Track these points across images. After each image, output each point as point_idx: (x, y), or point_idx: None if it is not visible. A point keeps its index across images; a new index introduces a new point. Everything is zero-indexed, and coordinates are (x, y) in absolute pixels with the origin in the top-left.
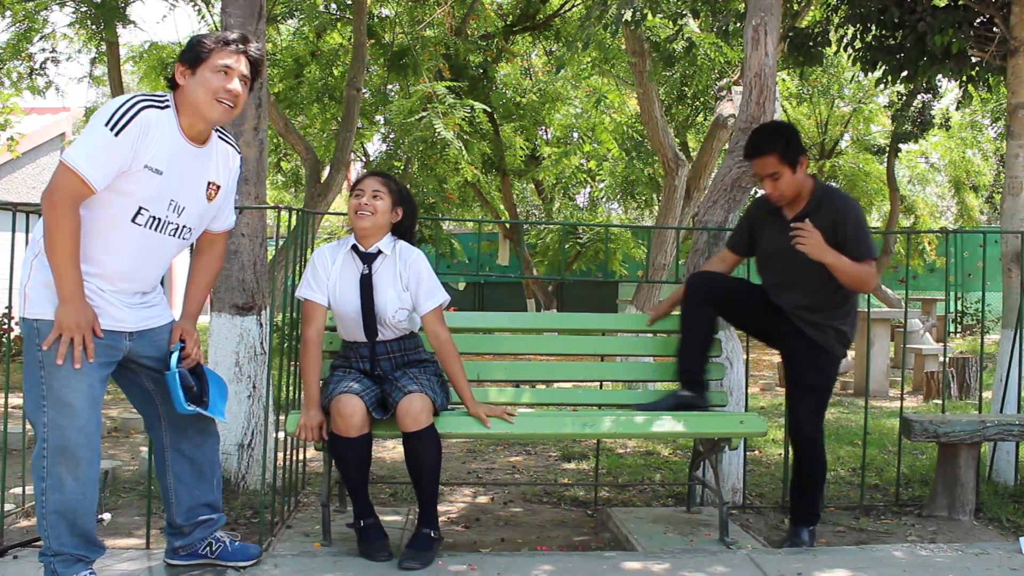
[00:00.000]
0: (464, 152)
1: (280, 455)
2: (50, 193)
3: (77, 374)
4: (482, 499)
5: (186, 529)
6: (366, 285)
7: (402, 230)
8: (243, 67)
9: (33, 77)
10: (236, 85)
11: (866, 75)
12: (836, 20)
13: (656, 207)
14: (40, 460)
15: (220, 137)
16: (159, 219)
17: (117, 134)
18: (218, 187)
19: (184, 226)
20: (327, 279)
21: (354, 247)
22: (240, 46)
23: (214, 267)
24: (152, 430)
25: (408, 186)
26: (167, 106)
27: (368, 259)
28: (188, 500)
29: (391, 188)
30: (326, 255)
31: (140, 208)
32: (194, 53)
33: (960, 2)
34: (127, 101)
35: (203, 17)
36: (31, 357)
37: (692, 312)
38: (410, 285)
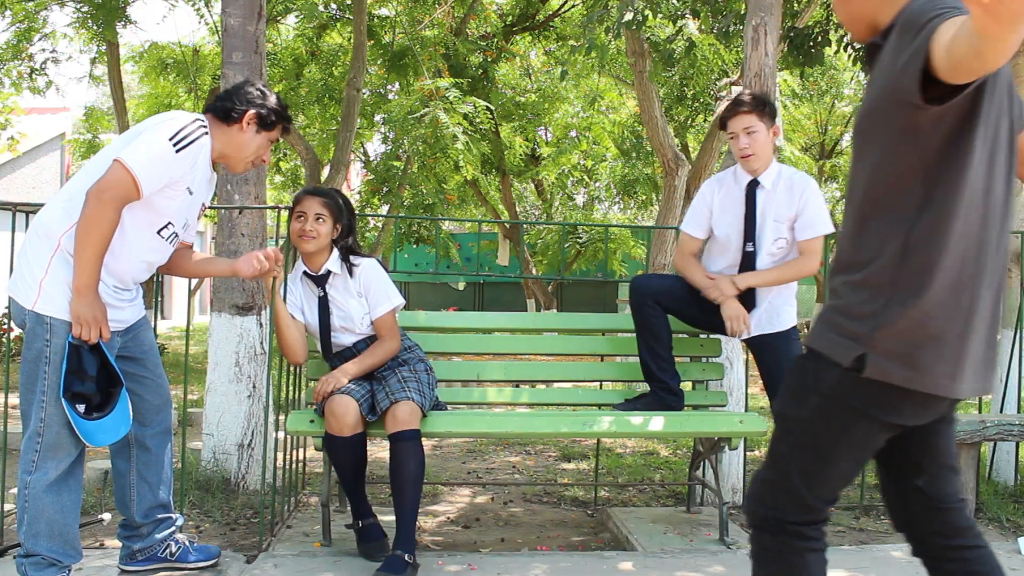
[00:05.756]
0: (470, 146)
1: (280, 455)
2: (100, 190)
3: None
4: (482, 499)
5: (145, 529)
6: (324, 306)
7: (345, 246)
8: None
9: (33, 77)
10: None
11: (866, 75)
12: (836, 20)
13: (656, 207)
14: (31, 453)
15: None
16: (176, 234)
17: (178, 151)
18: (205, 207)
19: (179, 237)
20: (296, 301)
21: (305, 273)
22: (288, 125)
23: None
24: None
25: (408, 186)
26: (207, 131)
27: (320, 281)
28: (150, 499)
29: (332, 208)
30: (295, 284)
31: (168, 223)
32: (269, 120)
33: None
34: (192, 122)
35: (202, 17)
36: (36, 350)
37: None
38: (363, 291)
